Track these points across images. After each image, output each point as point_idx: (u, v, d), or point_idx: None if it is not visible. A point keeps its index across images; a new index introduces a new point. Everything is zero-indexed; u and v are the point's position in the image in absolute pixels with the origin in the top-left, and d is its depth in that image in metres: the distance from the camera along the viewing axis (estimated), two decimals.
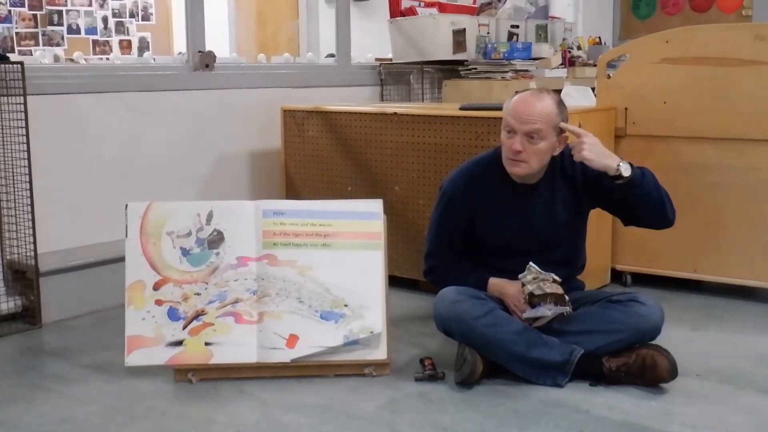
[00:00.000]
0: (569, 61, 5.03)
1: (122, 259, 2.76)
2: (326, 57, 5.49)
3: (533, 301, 2.60)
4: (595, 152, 2.61)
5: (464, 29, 4.85)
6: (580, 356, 2.60)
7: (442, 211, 2.87)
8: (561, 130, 2.69)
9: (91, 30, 6.64)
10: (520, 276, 2.66)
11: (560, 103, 2.71)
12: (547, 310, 2.58)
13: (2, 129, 3.24)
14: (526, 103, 2.65)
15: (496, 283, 2.78)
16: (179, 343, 2.67)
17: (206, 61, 3.98)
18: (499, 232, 2.80)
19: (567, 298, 2.61)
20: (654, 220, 2.78)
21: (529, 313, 2.60)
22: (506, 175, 2.76)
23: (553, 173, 2.78)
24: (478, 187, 2.81)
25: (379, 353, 2.70)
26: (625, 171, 2.60)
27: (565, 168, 2.78)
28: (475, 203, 2.81)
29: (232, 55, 5.59)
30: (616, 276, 3.82)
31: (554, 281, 2.62)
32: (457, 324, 2.67)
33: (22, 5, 6.19)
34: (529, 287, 2.61)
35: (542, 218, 2.78)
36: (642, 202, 2.69)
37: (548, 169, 2.76)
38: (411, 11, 5.07)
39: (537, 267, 2.63)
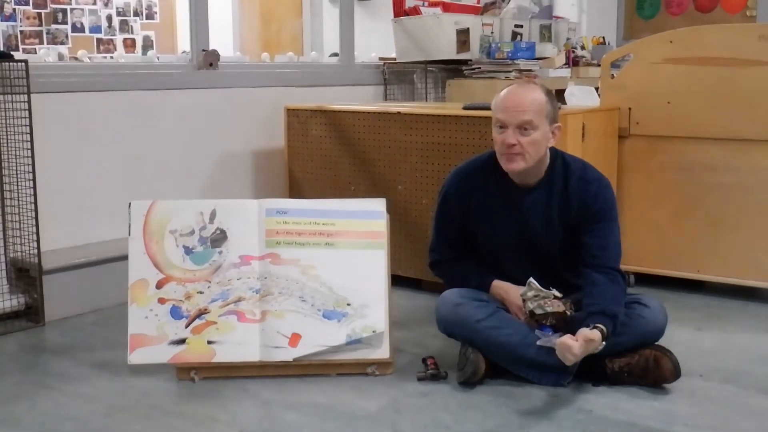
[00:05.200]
0: (573, 61, 5.03)
1: (125, 257, 2.76)
2: (330, 56, 5.50)
3: (534, 318, 2.58)
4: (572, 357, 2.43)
5: (468, 29, 4.85)
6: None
7: (439, 208, 2.88)
8: (554, 119, 2.65)
9: (96, 28, 6.65)
10: (521, 292, 2.63)
11: (549, 92, 2.67)
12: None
13: (6, 127, 3.24)
14: (515, 95, 2.62)
15: (499, 286, 2.76)
16: (182, 341, 2.67)
17: (210, 59, 3.98)
18: (491, 232, 2.76)
19: (569, 313, 2.59)
20: None
21: (543, 342, 2.56)
22: (502, 175, 2.70)
23: (553, 177, 2.70)
24: (472, 185, 2.78)
25: (382, 352, 2.69)
26: (600, 346, 2.46)
27: (570, 184, 2.69)
28: (468, 201, 2.78)
29: (236, 54, 5.60)
30: None
31: (555, 297, 2.59)
32: (459, 327, 2.67)
33: (27, 3, 6.19)
34: (530, 305, 2.58)
35: (537, 220, 2.70)
36: None
37: (547, 172, 2.70)
38: (415, 11, 5.07)
39: (537, 284, 2.59)
